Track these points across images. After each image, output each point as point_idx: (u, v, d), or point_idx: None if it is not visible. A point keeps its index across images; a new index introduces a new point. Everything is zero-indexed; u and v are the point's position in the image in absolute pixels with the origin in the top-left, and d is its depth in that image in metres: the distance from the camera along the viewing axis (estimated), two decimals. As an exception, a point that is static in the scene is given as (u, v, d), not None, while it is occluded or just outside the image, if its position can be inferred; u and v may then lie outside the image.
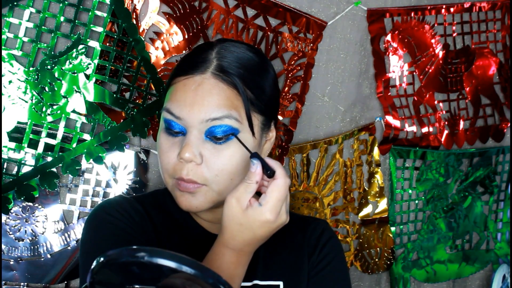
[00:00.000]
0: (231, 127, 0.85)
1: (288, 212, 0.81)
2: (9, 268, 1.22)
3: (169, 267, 0.60)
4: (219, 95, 0.85)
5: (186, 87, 0.86)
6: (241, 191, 0.78)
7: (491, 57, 1.59)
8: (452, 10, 1.52)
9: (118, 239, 0.87)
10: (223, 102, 0.85)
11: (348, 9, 1.40)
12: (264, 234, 0.79)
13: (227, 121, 0.85)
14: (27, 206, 1.22)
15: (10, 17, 1.15)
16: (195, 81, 0.86)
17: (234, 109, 0.85)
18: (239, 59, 0.88)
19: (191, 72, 0.87)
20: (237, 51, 0.89)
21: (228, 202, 0.79)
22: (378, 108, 1.50)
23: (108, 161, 1.26)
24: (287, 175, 0.79)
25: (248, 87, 0.87)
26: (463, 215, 1.63)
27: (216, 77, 0.86)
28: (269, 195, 0.78)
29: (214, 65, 0.87)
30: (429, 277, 1.62)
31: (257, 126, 0.89)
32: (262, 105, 0.90)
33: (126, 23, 1.20)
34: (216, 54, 0.88)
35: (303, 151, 1.42)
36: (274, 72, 0.95)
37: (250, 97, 0.87)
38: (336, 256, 0.99)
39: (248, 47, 0.92)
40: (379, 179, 1.49)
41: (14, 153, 1.18)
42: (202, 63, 0.87)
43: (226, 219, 0.79)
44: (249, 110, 0.87)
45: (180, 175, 0.85)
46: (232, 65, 0.87)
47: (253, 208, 0.78)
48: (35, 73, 1.17)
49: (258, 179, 0.79)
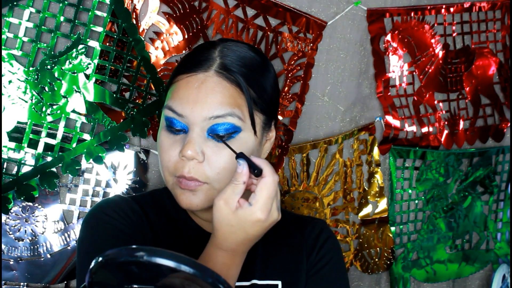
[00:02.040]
0: (234, 125, 0.85)
1: (279, 209, 0.81)
2: (9, 268, 1.22)
3: (168, 266, 0.60)
4: (222, 93, 0.85)
5: (189, 85, 0.86)
6: (229, 193, 0.78)
7: (491, 57, 1.59)
8: (452, 10, 1.52)
9: (116, 239, 0.87)
10: (226, 100, 0.85)
11: (348, 9, 1.40)
12: (256, 233, 0.79)
13: (230, 119, 0.85)
14: (27, 206, 1.22)
15: (10, 17, 1.15)
16: (198, 79, 0.86)
17: (237, 107, 0.85)
18: (241, 58, 0.89)
19: (194, 70, 0.87)
20: (239, 50, 0.90)
21: (216, 205, 0.78)
22: (378, 108, 1.50)
23: (108, 161, 1.26)
24: (275, 172, 0.79)
25: (250, 86, 0.87)
26: (463, 215, 1.63)
27: (219, 75, 0.86)
28: (259, 193, 0.77)
29: (218, 63, 0.87)
30: (429, 277, 1.62)
31: (258, 125, 0.89)
32: (264, 104, 0.90)
33: (126, 23, 1.20)
34: (219, 52, 0.88)
35: (303, 151, 1.42)
36: (274, 72, 0.95)
37: (253, 96, 0.88)
38: (334, 255, 0.99)
39: (249, 47, 0.92)
40: (379, 179, 1.49)
41: (14, 153, 1.18)
42: (205, 61, 0.87)
43: (217, 221, 0.79)
44: (252, 108, 0.87)
45: (181, 172, 0.85)
46: (235, 64, 0.87)
47: (243, 208, 0.77)
48: (35, 73, 1.17)
49: (245, 179, 0.78)
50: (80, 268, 0.88)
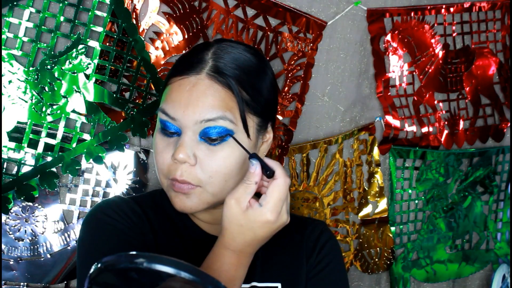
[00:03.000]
0: (226, 129, 0.84)
1: (288, 212, 0.81)
2: (9, 268, 1.22)
3: (167, 273, 0.60)
4: (213, 96, 0.84)
5: (181, 88, 0.85)
6: (241, 192, 0.78)
7: (491, 57, 1.59)
8: (452, 10, 1.52)
9: (116, 240, 0.87)
10: (218, 103, 0.84)
11: (348, 9, 1.40)
12: (265, 235, 0.79)
13: (222, 122, 0.84)
14: (27, 206, 1.22)
15: (10, 17, 1.15)
16: (190, 82, 0.85)
17: (228, 110, 0.85)
18: (235, 60, 0.88)
19: (187, 73, 0.86)
20: (234, 51, 0.89)
21: (227, 204, 0.78)
22: (378, 108, 1.50)
23: (108, 161, 1.26)
24: (287, 175, 0.79)
25: (243, 88, 0.87)
26: (463, 215, 1.63)
27: (211, 78, 0.85)
28: (270, 195, 0.77)
29: (210, 65, 0.86)
30: (429, 277, 1.62)
31: (252, 127, 0.88)
32: (259, 107, 0.89)
33: (126, 23, 1.20)
34: (212, 54, 0.88)
35: (303, 151, 1.42)
36: (272, 74, 0.94)
37: (246, 98, 0.87)
38: (334, 257, 0.98)
39: (246, 48, 0.91)
40: (379, 179, 1.49)
41: (14, 153, 1.18)
42: (197, 63, 0.87)
43: (226, 221, 0.79)
44: (244, 111, 0.86)
45: (174, 175, 0.85)
46: (227, 66, 0.86)
47: (254, 208, 0.77)
48: (35, 73, 1.17)
49: (257, 179, 0.78)
50: (81, 269, 0.87)
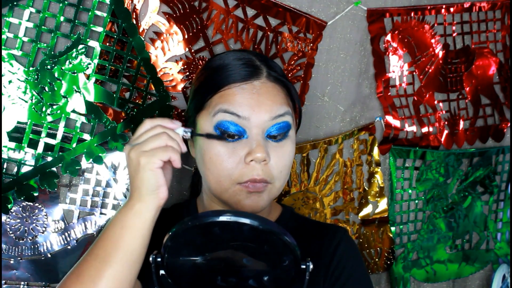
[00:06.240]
0: (289, 123, 0.94)
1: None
2: (9, 267, 1.22)
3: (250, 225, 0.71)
4: (279, 95, 0.94)
5: (246, 91, 0.92)
6: None
7: (491, 57, 1.59)
8: (452, 10, 1.52)
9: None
10: (283, 100, 0.94)
11: (348, 9, 1.40)
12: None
13: (288, 118, 0.93)
14: (27, 206, 1.23)
15: (10, 17, 1.16)
16: (254, 86, 0.93)
17: (289, 107, 0.95)
18: (274, 64, 1.00)
19: (247, 78, 0.93)
20: (264, 57, 1.01)
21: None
22: (378, 108, 1.50)
23: (108, 161, 1.26)
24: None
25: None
26: (463, 215, 1.63)
27: (272, 81, 0.95)
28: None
29: (265, 70, 0.96)
30: (429, 277, 1.62)
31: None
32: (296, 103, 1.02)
33: (126, 23, 1.20)
34: (259, 61, 0.97)
35: (303, 151, 1.42)
36: None
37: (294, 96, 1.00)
38: (354, 265, 0.98)
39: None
40: (379, 179, 1.49)
41: (14, 153, 1.18)
42: (254, 69, 0.95)
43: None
44: (300, 105, 1.00)
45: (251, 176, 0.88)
46: (276, 69, 0.98)
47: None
48: (35, 73, 1.17)
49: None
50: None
